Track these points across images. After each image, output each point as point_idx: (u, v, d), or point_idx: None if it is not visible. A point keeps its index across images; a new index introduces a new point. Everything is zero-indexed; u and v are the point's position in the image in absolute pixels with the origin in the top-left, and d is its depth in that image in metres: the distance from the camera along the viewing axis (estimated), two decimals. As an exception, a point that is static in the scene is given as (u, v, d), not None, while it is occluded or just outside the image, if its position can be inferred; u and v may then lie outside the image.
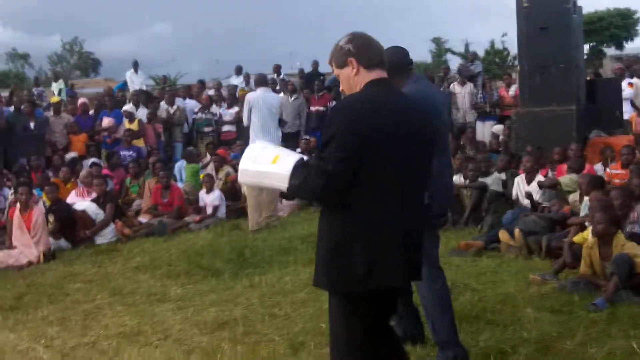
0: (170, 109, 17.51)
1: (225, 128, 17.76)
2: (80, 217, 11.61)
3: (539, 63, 12.66)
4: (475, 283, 7.63)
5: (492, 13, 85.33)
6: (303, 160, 3.97)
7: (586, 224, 8.20)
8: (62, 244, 11.21)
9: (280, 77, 20.18)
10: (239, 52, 74.78)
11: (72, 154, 15.86)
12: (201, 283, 8.47)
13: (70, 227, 11.47)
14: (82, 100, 18.65)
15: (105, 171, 14.25)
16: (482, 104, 17.04)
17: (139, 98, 17.71)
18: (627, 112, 15.08)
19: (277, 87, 17.94)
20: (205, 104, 18.02)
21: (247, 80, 21.05)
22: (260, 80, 12.14)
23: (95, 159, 15.36)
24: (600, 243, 7.26)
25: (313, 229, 6.08)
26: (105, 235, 11.59)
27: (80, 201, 12.27)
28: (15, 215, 10.83)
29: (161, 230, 11.73)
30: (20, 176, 13.63)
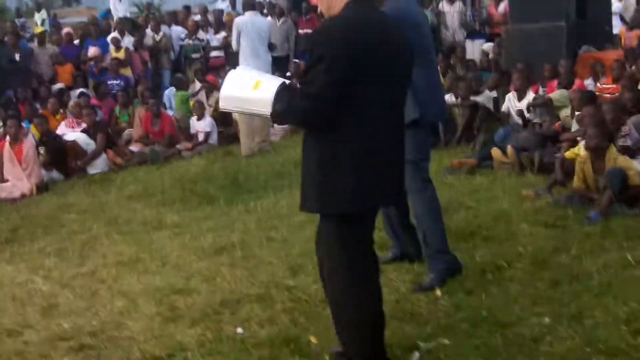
0: (157, 36, 17.28)
1: (213, 54, 17.56)
2: (71, 148, 11.56)
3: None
4: (469, 201, 7.66)
5: None
6: (285, 84, 3.93)
7: (578, 139, 8.21)
8: (54, 175, 11.20)
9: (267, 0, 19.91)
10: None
11: (59, 85, 15.65)
12: (196, 210, 8.51)
13: (61, 158, 11.43)
14: (66, 29, 18.35)
15: (94, 101, 14.08)
16: (471, 23, 16.86)
17: (123, 26, 17.47)
18: (617, 26, 14.96)
19: (265, 11, 17.71)
20: (192, 30, 17.76)
21: (233, 4, 20.86)
22: (248, 4, 11.97)
23: (83, 89, 15.17)
24: (593, 157, 7.27)
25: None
26: (97, 166, 11.57)
27: (70, 132, 12.20)
28: (5, 149, 10.77)
29: (153, 158, 11.70)
30: (7, 109, 13.48)
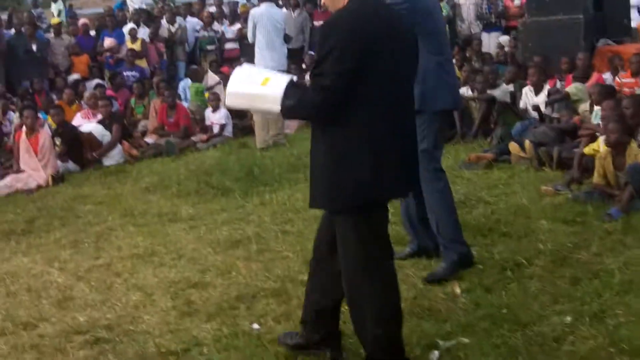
0: (172, 27, 17.27)
1: (228, 45, 17.51)
2: (87, 139, 11.53)
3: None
4: (487, 196, 7.61)
5: None
6: (293, 81, 3.91)
7: (597, 134, 8.13)
8: (70, 166, 11.17)
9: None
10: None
11: (75, 76, 15.67)
12: (212, 202, 8.46)
13: (77, 149, 11.41)
14: (83, 20, 18.35)
15: (109, 92, 14.08)
16: (487, 15, 16.76)
17: (139, 17, 17.46)
18: (635, 19, 14.76)
19: (280, 2, 17.65)
20: (207, 21, 17.75)
21: (248, -5, 20.75)
22: (264, -5, 11.91)
23: (99, 80, 15.19)
24: (613, 153, 7.20)
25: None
26: (113, 157, 11.54)
27: (86, 123, 12.19)
28: (21, 139, 10.77)
29: (169, 150, 11.66)
30: (24, 99, 13.52)
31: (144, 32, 16.63)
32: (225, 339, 4.72)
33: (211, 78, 14.69)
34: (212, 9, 19.48)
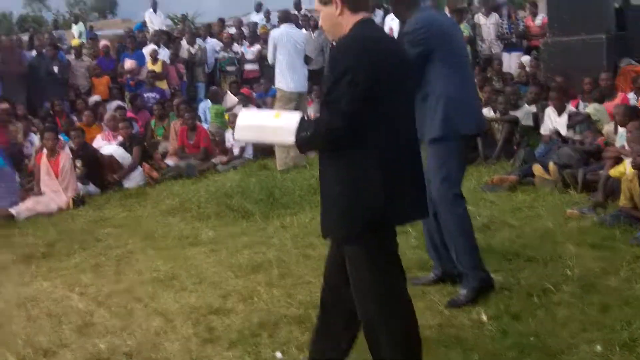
0: (192, 49, 17.33)
1: (248, 67, 17.59)
2: (107, 161, 11.51)
3: (567, -10, 12.37)
4: (512, 219, 7.54)
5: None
6: (304, 116, 3.93)
7: (623, 156, 8.02)
8: (91, 188, 11.12)
9: (302, 12, 19.86)
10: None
11: (95, 97, 15.73)
12: (232, 225, 8.40)
13: (97, 171, 11.38)
14: (103, 42, 18.47)
15: (130, 114, 14.09)
16: (508, 35, 16.73)
17: (159, 38, 17.54)
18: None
19: (299, 23, 17.67)
20: (227, 42, 17.83)
21: (267, 17, 20.82)
22: (284, 17, 11.91)
23: (119, 102, 15.22)
24: (640, 175, 7.11)
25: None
26: (133, 179, 11.50)
27: (106, 145, 12.18)
28: (42, 161, 10.75)
29: (189, 172, 11.62)
30: (45, 121, 13.55)
31: (164, 54, 16.72)
32: (248, 367, 4.66)
33: (230, 99, 14.70)
34: (232, 30, 19.57)
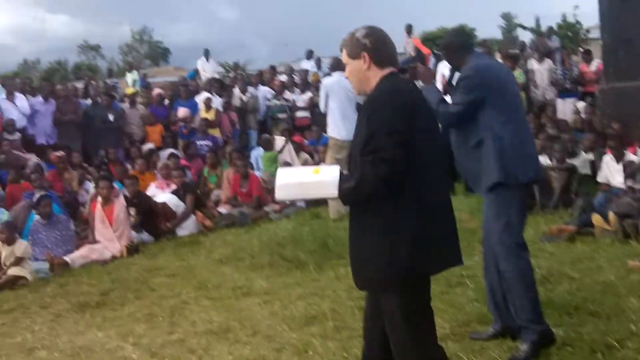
0: (244, 96, 17.47)
1: (299, 114, 17.67)
2: (161, 209, 11.60)
3: (622, 36, 12.25)
4: (571, 271, 7.33)
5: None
6: (342, 170, 3.95)
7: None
8: (144, 237, 11.20)
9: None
10: (306, 34, 74.50)
11: (149, 145, 15.92)
12: (286, 275, 8.34)
13: (151, 220, 11.47)
14: (157, 90, 18.72)
15: (183, 162, 14.21)
16: (562, 81, 16.60)
17: (212, 86, 17.72)
18: None
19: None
20: (278, 90, 17.95)
21: (318, 64, 20.94)
22: (336, 65, 11.92)
23: (172, 150, 15.36)
24: None
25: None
26: (187, 227, 11.56)
27: (160, 193, 12.28)
28: (97, 210, 10.86)
29: (242, 220, 11.65)
30: (100, 169, 13.72)
31: (217, 102, 16.86)
32: None
33: (279, 141, 14.81)
34: (283, 78, 19.69)
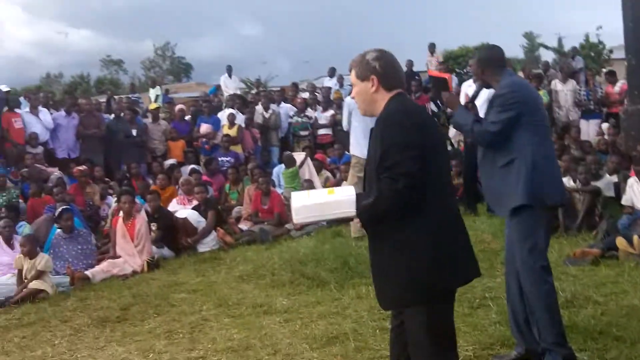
0: (266, 113, 17.50)
1: (321, 131, 17.69)
2: (182, 225, 11.61)
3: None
4: (596, 295, 7.23)
5: (586, 5, 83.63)
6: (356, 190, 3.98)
7: None
8: (165, 252, 11.21)
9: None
10: (327, 52, 74.68)
11: (170, 161, 15.95)
12: (306, 293, 8.29)
13: (172, 235, 11.49)
14: (179, 106, 18.80)
15: (204, 177, 14.23)
16: (586, 101, 16.49)
17: (234, 103, 17.76)
18: None
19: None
20: (301, 107, 17.96)
21: (340, 82, 20.95)
22: (359, 83, 11.89)
23: (194, 166, 15.39)
24: None
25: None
26: (207, 243, 11.55)
27: (181, 209, 12.29)
28: (118, 224, 10.88)
29: (263, 237, 11.63)
30: (121, 184, 13.75)
31: (239, 118, 16.89)
32: None
33: (298, 157, 14.86)
34: (306, 95, 19.71)
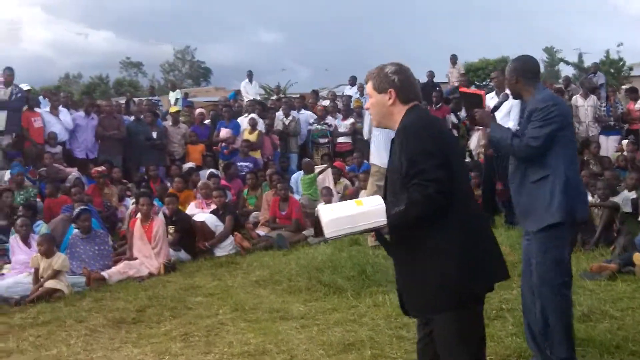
0: (286, 120, 17.51)
1: (341, 139, 17.65)
2: (199, 228, 11.60)
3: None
4: (612, 309, 7.21)
5: (606, 22, 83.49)
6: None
7: None
8: (182, 255, 11.21)
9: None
10: (346, 61, 74.84)
11: (189, 164, 15.96)
12: (323, 300, 8.28)
13: (190, 238, 11.48)
14: (199, 110, 18.82)
15: (223, 182, 14.22)
16: (606, 117, 16.44)
17: (254, 108, 17.78)
18: None
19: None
20: (321, 114, 17.95)
21: (361, 91, 20.93)
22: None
23: (213, 170, 15.39)
24: None
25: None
26: (225, 248, 11.54)
27: (199, 212, 12.29)
28: (136, 226, 10.89)
29: (280, 243, 11.61)
30: (139, 186, 13.76)
31: (260, 124, 16.90)
32: None
33: (319, 167, 14.87)
34: (326, 103, 19.70)
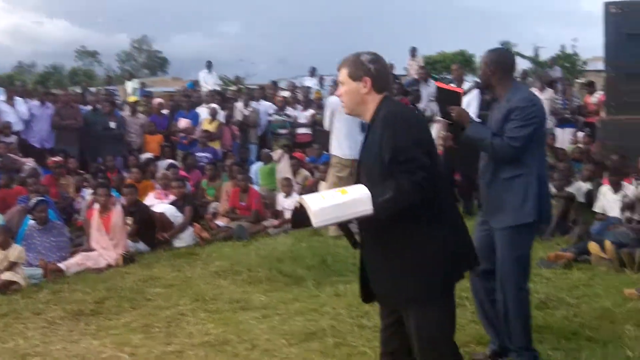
0: (246, 110, 17.44)
1: (301, 130, 17.62)
2: (158, 219, 11.49)
3: (626, 70, 12.37)
4: (569, 297, 7.39)
5: (561, 18, 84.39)
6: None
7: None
8: (140, 246, 11.07)
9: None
10: (305, 52, 74.77)
11: (147, 155, 15.79)
12: (284, 290, 8.26)
13: (148, 229, 11.35)
14: (158, 100, 18.66)
15: (182, 172, 14.10)
16: (562, 110, 16.67)
17: (213, 99, 17.68)
18: None
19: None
20: (280, 105, 17.90)
21: (321, 82, 20.94)
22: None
23: (172, 161, 15.27)
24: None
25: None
26: (184, 239, 11.45)
27: (158, 203, 12.17)
28: (93, 217, 10.73)
29: (239, 234, 11.55)
30: (96, 176, 13.58)
31: (220, 114, 16.81)
32: None
33: (275, 154, 14.85)
34: (285, 93, 19.66)
